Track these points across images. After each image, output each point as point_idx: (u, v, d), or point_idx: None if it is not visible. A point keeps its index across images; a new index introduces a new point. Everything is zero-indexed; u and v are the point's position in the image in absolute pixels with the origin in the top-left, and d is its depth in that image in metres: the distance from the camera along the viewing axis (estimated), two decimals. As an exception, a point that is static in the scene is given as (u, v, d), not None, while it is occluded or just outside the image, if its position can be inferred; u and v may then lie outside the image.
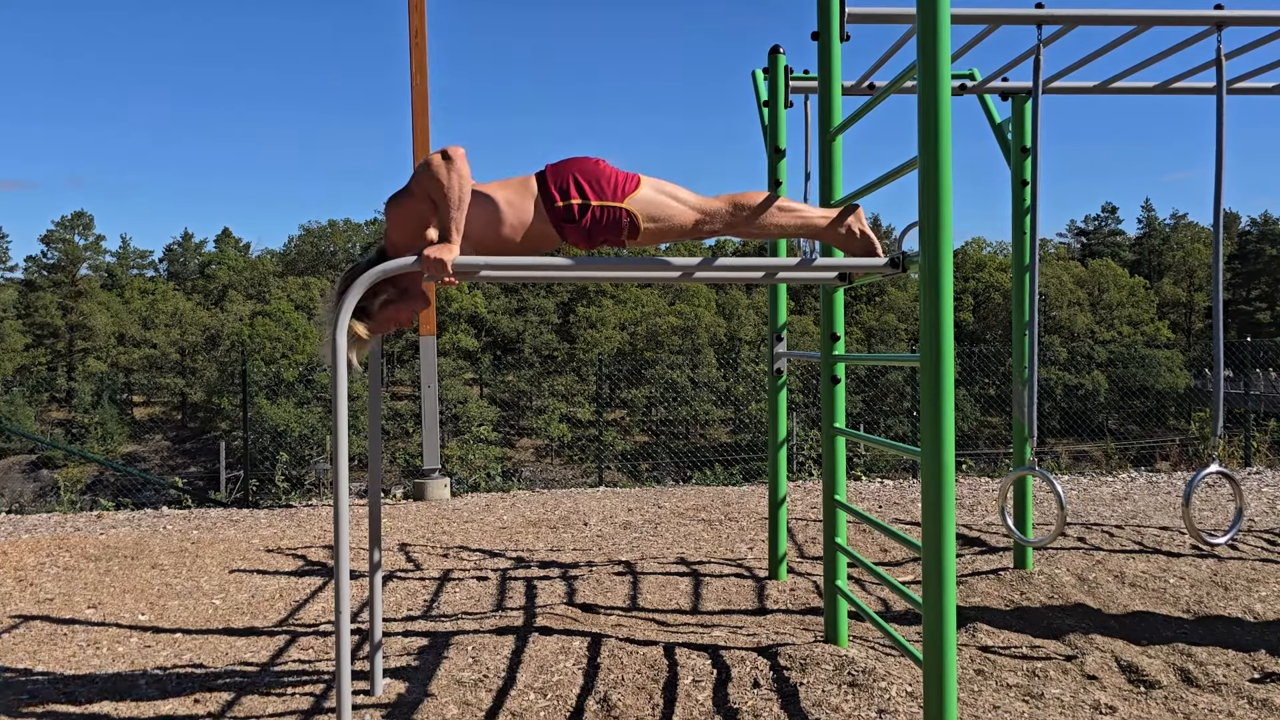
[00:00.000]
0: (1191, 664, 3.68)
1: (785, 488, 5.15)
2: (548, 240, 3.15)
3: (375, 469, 3.48)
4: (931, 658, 2.73)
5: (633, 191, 3.08)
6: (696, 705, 3.29)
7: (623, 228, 3.08)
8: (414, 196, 3.01)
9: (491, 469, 12.27)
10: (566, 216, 3.06)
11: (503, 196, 3.08)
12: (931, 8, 2.69)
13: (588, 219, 3.06)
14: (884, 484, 9.02)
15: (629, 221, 3.07)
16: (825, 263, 3.18)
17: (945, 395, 2.73)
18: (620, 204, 3.06)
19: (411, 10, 8.57)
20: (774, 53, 4.92)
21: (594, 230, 3.09)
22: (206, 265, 64.55)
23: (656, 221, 3.09)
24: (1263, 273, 65.02)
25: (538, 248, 3.18)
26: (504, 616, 4.50)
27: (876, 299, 54.09)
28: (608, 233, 3.10)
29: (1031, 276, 4.29)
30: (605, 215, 3.06)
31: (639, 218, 3.07)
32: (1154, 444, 19.04)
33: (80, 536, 6.42)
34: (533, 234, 3.10)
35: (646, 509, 7.61)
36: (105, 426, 43.17)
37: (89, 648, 4.26)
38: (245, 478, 10.04)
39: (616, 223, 3.07)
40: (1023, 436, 4.99)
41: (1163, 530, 6.29)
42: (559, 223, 3.08)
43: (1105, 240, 70.94)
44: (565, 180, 3.06)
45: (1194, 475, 3.96)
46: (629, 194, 3.07)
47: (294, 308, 51.71)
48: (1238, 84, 4.82)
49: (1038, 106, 4.12)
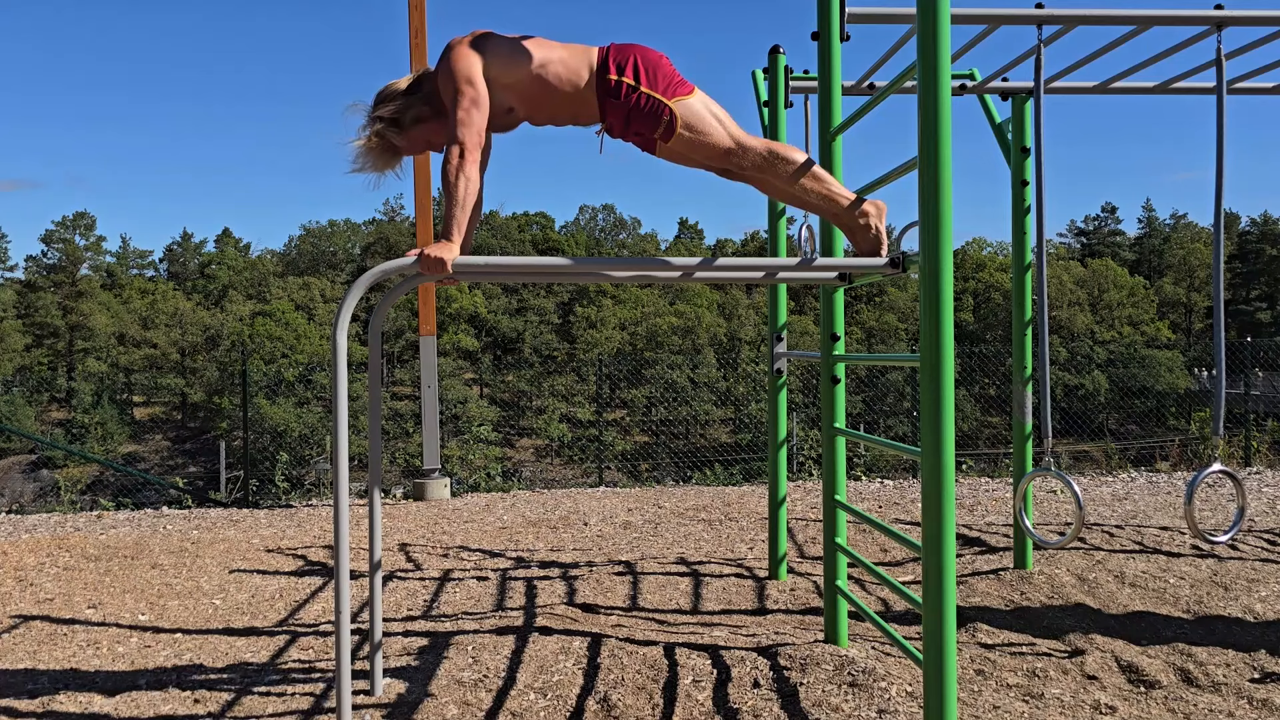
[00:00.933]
0: (1192, 664, 3.68)
1: (785, 488, 5.15)
2: (586, 110, 3.19)
3: (375, 469, 3.48)
4: (931, 658, 2.73)
5: (683, 95, 3.12)
6: (696, 705, 3.29)
7: (660, 123, 3.10)
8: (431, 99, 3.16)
9: (491, 469, 12.27)
10: (614, 92, 3.10)
11: (560, 55, 3.14)
12: (931, 8, 2.69)
13: (632, 100, 3.09)
14: (884, 484, 9.02)
15: (668, 119, 3.09)
16: (825, 263, 3.18)
17: (945, 395, 2.73)
18: (667, 100, 3.09)
19: (412, 10, 8.57)
20: (774, 53, 4.92)
21: (633, 115, 3.11)
22: (206, 265, 64.59)
23: (692, 131, 3.11)
24: (1263, 273, 65.03)
25: (575, 115, 3.22)
26: (504, 616, 4.50)
27: (876, 299, 54.11)
28: (644, 122, 3.12)
29: (1037, 275, 4.28)
30: (649, 104, 3.09)
31: (678, 120, 3.09)
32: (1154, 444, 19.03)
33: (80, 536, 6.42)
34: (575, 99, 3.15)
35: (646, 509, 7.61)
36: (105, 426, 43.15)
37: (89, 648, 4.25)
38: (245, 478, 10.04)
39: (656, 115, 3.09)
40: (1024, 436, 5.00)
41: (1163, 530, 6.28)
42: (604, 96, 3.12)
43: (1105, 240, 70.99)
44: (625, 59, 3.11)
45: (1196, 474, 3.96)
46: (678, 96, 3.11)
47: (294, 308, 51.73)
48: (1238, 84, 4.82)
49: (1039, 106, 4.12)
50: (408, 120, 3.19)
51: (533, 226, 66.53)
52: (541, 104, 3.17)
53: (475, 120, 3.01)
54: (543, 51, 3.13)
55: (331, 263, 66.14)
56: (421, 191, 8.70)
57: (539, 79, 3.11)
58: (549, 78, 3.11)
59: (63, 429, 43.51)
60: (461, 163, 2.96)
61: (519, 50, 3.12)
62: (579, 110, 3.19)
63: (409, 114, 3.19)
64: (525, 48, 3.13)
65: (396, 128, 3.19)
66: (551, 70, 3.11)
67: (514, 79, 3.10)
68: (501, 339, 54.17)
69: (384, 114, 3.17)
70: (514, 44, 3.14)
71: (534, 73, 3.10)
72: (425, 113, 3.20)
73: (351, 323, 3.25)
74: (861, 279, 3.44)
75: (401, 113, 3.18)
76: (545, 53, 3.13)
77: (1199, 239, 64.62)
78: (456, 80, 3.03)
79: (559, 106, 3.19)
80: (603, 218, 73.03)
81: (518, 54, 3.11)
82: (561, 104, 3.17)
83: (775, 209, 5.08)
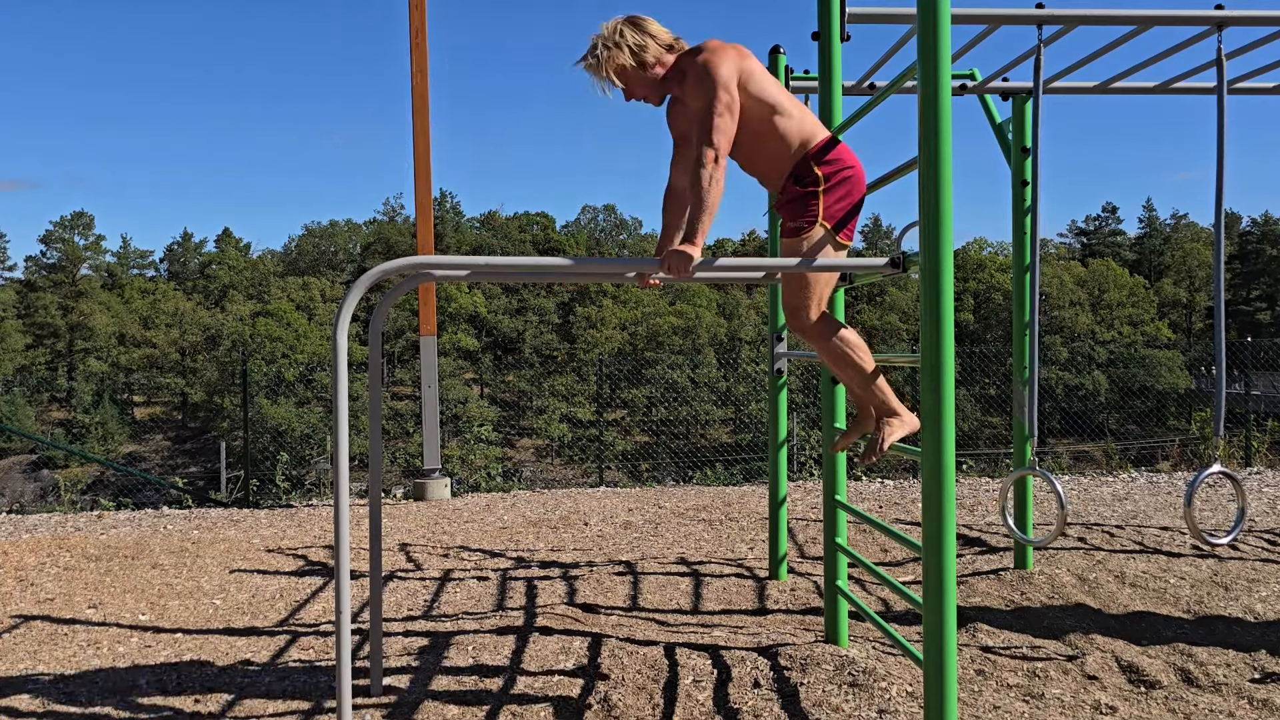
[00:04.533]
0: (1192, 664, 3.68)
1: (785, 488, 5.15)
2: (775, 172, 3.27)
3: (376, 469, 3.48)
4: (932, 658, 2.73)
5: (832, 234, 3.17)
6: (697, 705, 3.29)
7: (801, 221, 3.16)
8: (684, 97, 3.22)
9: (492, 469, 12.27)
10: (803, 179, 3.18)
11: (798, 111, 3.21)
12: (931, 8, 2.69)
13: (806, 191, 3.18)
14: (884, 484, 9.02)
15: (809, 225, 3.15)
16: (825, 263, 3.18)
17: (945, 395, 2.73)
18: (822, 217, 3.16)
19: (412, 10, 8.57)
20: (774, 53, 4.92)
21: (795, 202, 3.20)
22: (207, 265, 64.56)
23: (808, 253, 3.16)
24: (1263, 273, 65.01)
25: (765, 173, 3.29)
26: (504, 616, 4.50)
27: (877, 299, 54.10)
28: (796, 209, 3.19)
29: (1032, 276, 4.29)
30: (811, 203, 3.16)
31: (811, 235, 3.15)
32: (1154, 444, 19.03)
33: (81, 536, 6.43)
34: (778, 158, 3.22)
35: (647, 509, 7.61)
36: (105, 426, 43.15)
37: (89, 648, 4.26)
38: (245, 478, 10.04)
39: (805, 210, 3.16)
40: (1024, 436, 4.99)
41: (1163, 530, 6.29)
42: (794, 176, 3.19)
43: (1105, 240, 70.96)
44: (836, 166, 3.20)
45: (1196, 475, 3.96)
46: (832, 224, 3.17)
47: (294, 308, 51.72)
48: (1238, 84, 4.82)
49: (1038, 106, 4.12)
50: (650, 60, 3.26)
51: (533, 226, 66.52)
52: (749, 145, 3.20)
53: (728, 127, 3.04)
54: (784, 97, 3.18)
55: (332, 263, 66.15)
56: (422, 191, 8.70)
57: (768, 121, 3.15)
58: (777, 125, 3.16)
59: (63, 429, 43.53)
60: (715, 168, 3.00)
61: (769, 82, 3.17)
62: (770, 171, 3.24)
63: (650, 60, 3.26)
64: (774, 81, 3.19)
65: (639, 64, 3.25)
66: (781, 123, 3.16)
67: (751, 107, 3.13)
68: (502, 339, 54.15)
69: (634, 45, 3.24)
70: (765, 73, 3.19)
71: (767, 114, 3.15)
72: (656, 77, 3.27)
73: (351, 323, 3.25)
74: (862, 279, 3.44)
75: (646, 58, 3.26)
76: (785, 99, 3.18)
77: (1199, 239, 64.59)
78: (716, 82, 3.04)
79: (760, 156, 3.23)
80: (603, 218, 73.08)
81: (767, 85, 3.16)
82: (764, 155, 3.21)
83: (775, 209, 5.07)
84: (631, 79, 3.28)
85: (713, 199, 3.00)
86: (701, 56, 3.12)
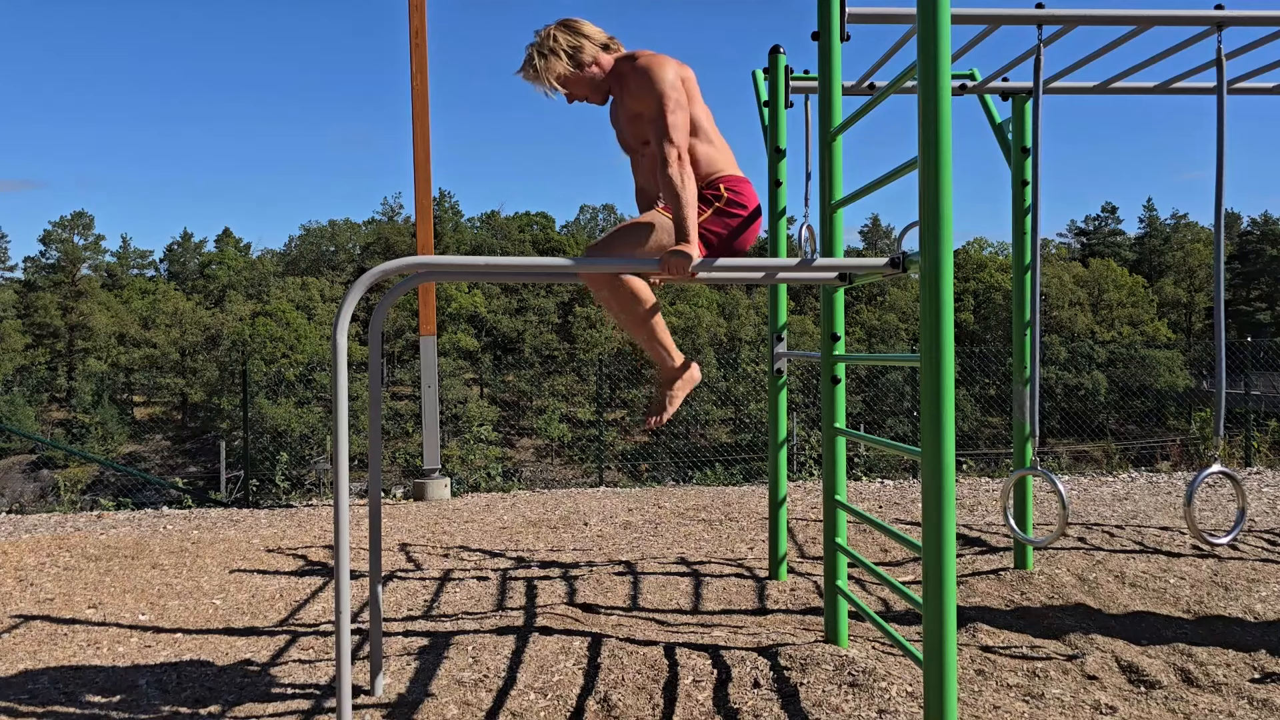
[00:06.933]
0: (1192, 664, 3.68)
1: (785, 488, 5.15)
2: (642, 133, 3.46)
3: (375, 469, 3.48)
4: (932, 658, 2.73)
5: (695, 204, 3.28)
6: (697, 705, 3.29)
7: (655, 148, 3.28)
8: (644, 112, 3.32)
9: (491, 469, 12.26)
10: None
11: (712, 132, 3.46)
12: (931, 8, 2.69)
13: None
14: (884, 484, 9.02)
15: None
16: (825, 263, 3.19)
17: (945, 395, 2.73)
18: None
19: (412, 10, 8.57)
20: (774, 53, 4.92)
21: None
22: (206, 265, 64.54)
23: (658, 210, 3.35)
24: (1263, 273, 64.99)
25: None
26: (504, 616, 4.50)
27: (877, 299, 54.11)
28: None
29: (1033, 276, 4.29)
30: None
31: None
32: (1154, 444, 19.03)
33: (80, 536, 6.42)
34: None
35: (647, 509, 7.60)
36: (105, 426, 43.16)
37: (89, 648, 4.25)
38: (245, 478, 10.04)
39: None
40: (1024, 436, 4.99)
41: (1163, 530, 6.29)
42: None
43: (1105, 240, 70.93)
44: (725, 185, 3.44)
45: (1196, 475, 3.96)
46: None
47: (294, 308, 51.70)
48: (1238, 84, 4.82)
49: (1038, 106, 4.12)
50: (586, 60, 3.37)
51: (533, 226, 66.53)
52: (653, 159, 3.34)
53: (683, 122, 3.16)
54: (709, 123, 3.41)
55: (332, 263, 66.13)
56: (421, 191, 8.70)
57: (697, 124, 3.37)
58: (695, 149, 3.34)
59: (63, 429, 43.54)
60: (682, 166, 3.10)
61: (699, 105, 3.38)
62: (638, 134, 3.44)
63: (587, 60, 3.38)
64: (703, 106, 3.41)
65: (576, 65, 3.36)
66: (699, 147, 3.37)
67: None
68: (501, 339, 54.14)
69: (568, 48, 3.35)
70: (699, 95, 3.39)
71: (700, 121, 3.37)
72: (595, 76, 3.39)
73: (351, 323, 3.26)
74: (861, 279, 3.44)
75: (582, 58, 3.38)
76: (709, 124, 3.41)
77: (1199, 239, 64.56)
78: (662, 83, 3.15)
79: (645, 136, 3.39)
80: (603, 218, 73.07)
81: (696, 107, 3.35)
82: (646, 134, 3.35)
83: (776, 209, 5.08)
84: (571, 82, 3.39)
85: (689, 194, 3.09)
86: (641, 61, 3.24)
